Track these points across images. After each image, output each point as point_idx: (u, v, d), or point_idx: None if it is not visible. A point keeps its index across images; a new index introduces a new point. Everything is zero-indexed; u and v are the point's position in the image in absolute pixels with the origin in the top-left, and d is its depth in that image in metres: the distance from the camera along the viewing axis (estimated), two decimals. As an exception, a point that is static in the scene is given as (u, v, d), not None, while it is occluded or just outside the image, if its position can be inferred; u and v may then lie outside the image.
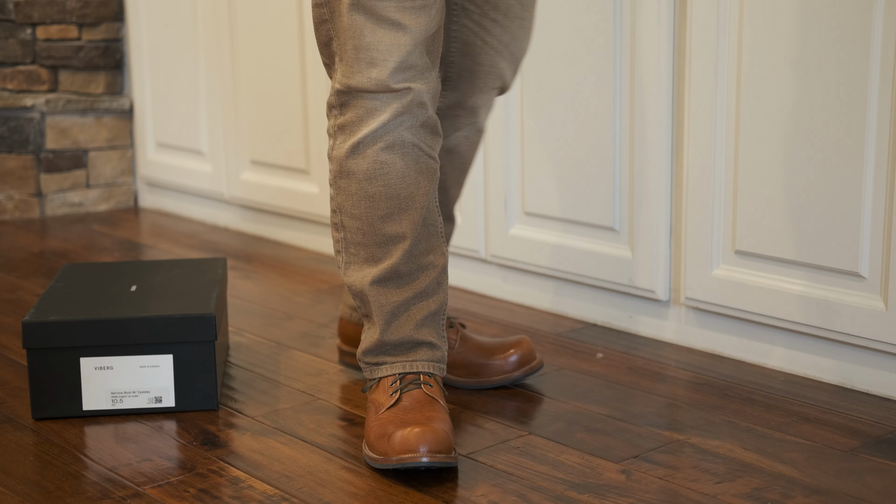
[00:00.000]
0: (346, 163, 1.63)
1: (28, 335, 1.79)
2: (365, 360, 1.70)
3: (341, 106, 1.62)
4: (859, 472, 1.60)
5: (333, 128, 1.65)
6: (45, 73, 3.36)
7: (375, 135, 1.61)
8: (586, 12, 2.14)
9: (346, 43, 1.58)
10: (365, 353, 1.70)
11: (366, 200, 1.64)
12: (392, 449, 1.56)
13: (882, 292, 1.82)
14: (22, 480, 1.61)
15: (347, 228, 1.67)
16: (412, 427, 1.56)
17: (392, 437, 1.57)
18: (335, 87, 1.62)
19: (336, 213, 1.68)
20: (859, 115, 1.80)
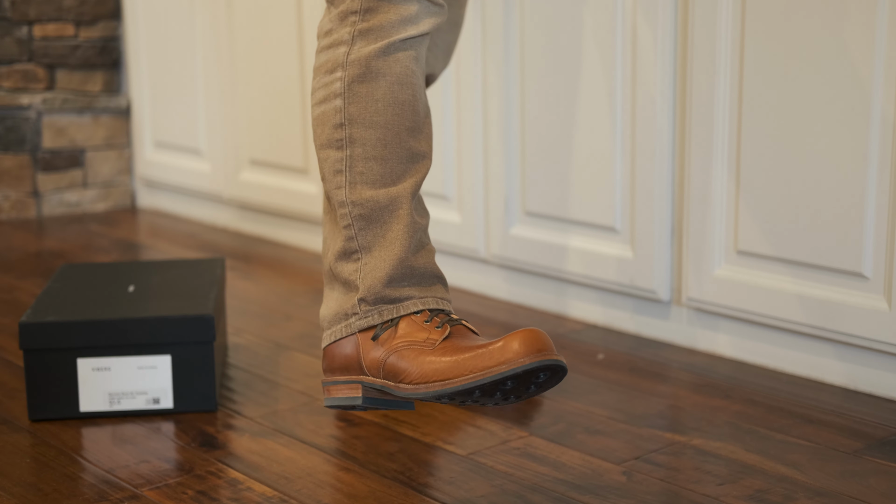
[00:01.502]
0: (376, 62, 1.47)
1: (25, 336, 1.78)
2: (384, 293, 1.47)
3: (366, 11, 1.47)
4: (863, 473, 1.59)
5: (351, 34, 1.48)
6: (41, 72, 3.35)
7: (412, 42, 1.49)
8: (587, 11, 2.13)
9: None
10: (389, 281, 1.46)
11: (395, 107, 1.48)
12: (507, 356, 1.35)
13: (886, 293, 1.81)
14: (18, 483, 1.60)
15: (360, 142, 1.48)
16: (516, 335, 1.35)
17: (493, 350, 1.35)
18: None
19: (341, 127, 1.49)
20: (862, 114, 1.79)
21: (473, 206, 2.39)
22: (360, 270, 1.48)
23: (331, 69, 1.50)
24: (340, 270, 1.50)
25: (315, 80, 1.53)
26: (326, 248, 1.54)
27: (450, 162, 2.42)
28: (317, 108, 1.52)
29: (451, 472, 1.61)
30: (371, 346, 1.46)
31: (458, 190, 2.42)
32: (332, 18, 1.51)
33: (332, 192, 1.50)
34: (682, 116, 2.04)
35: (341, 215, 1.49)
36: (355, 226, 1.48)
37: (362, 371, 1.47)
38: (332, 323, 1.51)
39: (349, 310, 1.49)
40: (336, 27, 1.50)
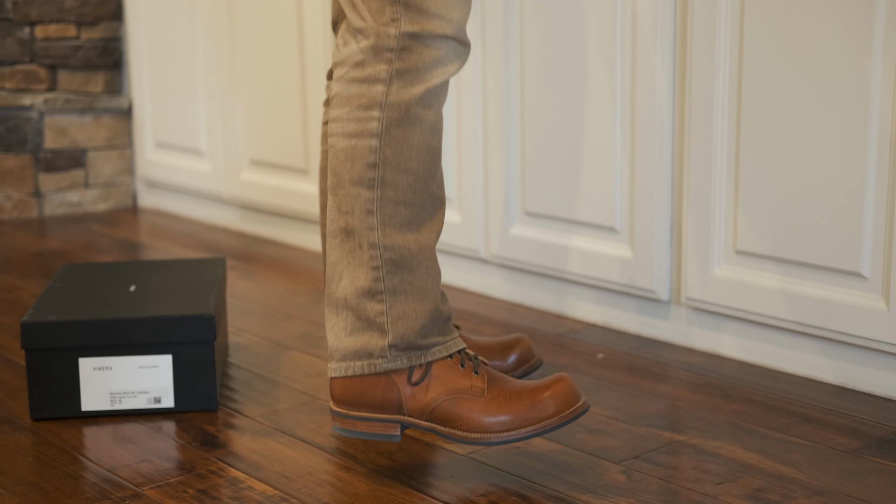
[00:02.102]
0: (415, 109, 1.51)
1: (26, 335, 1.79)
2: (415, 342, 1.54)
3: (401, 50, 1.49)
4: (861, 472, 1.59)
5: (389, 73, 1.50)
6: (43, 73, 3.35)
7: (443, 88, 1.53)
8: (586, 12, 2.14)
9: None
10: (421, 332, 1.54)
11: (426, 154, 1.53)
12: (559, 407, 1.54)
13: (884, 292, 1.82)
14: (20, 481, 1.60)
15: (391, 185, 1.51)
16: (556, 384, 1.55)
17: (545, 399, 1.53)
18: (401, 31, 1.49)
19: (374, 167, 1.52)
20: (861, 114, 1.80)
21: (473, 206, 2.40)
22: (386, 314, 1.53)
23: (366, 105, 1.52)
24: (363, 308, 1.54)
25: (343, 109, 1.53)
26: (337, 277, 1.56)
27: (450, 162, 2.42)
28: (346, 139, 1.53)
29: (451, 471, 1.61)
30: (412, 390, 1.55)
31: (458, 190, 2.42)
32: (363, 50, 1.52)
33: (361, 231, 1.52)
34: (682, 117, 2.05)
35: (371, 256, 1.53)
36: (384, 268, 1.53)
37: (401, 412, 1.56)
38: (351, 357, 1.55)
39: (376, 352, 1.54)
40: (369, 61, 1.51)
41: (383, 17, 1.50)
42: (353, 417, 1.57)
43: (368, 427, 1.57)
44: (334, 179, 1.55)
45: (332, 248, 1.57)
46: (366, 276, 1.53)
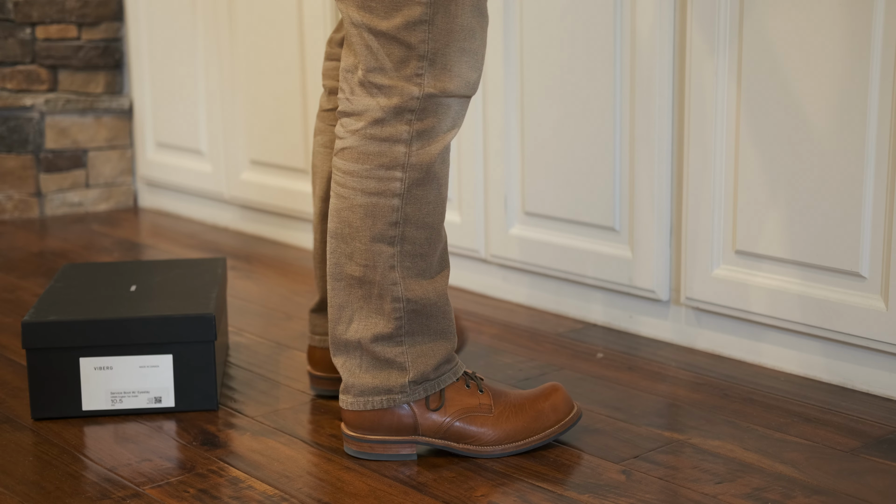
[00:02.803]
0: (433, 168, 1.56)
1: (27, 335, 1.79)
2: (430, 376, 1.62)
3: (422, 111, 1.53)
4: (860, 472, 1.60)
5: (409, 133, 1.54)
6: (44, 73, 3.36)
7: (452, 140, 1.60)
8: (586, 12, 2.14)
9: (452, 45, 1.51)
10: (437, 368, 1.63)
11: (439, 206, 1.59)
12: (559, 415, 1.67)
13: (882, 292, 1.82)
14: (21, 481, 1.61)
15: (410, 240, 1.58)
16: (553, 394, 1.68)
17: (546, 410, 1.66)
18: (424, 92, 1.52)
19: (396, 225, 1.57)
20: (860, 114, 1.80)
21: (473, 207, 2.40)
22: (406, 354, 1.61)
23: (388, 165, 1.55)
24: (381, 351, 1.60)
25: (363, 165, 1.56)
26: (346, 320, 1.61)
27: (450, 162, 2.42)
28: (366, 196, 1.56)
29: (451, 471, 1.62)
30: (427, 413, 1.63)
31: (458, 190, 2.42)
32: (384, 108, 1.54)
33: (384, 286, 1.58)
34: (681, 117, 2.05)
35: (394, 308, 1.59)
36: (405, 318, 1.60)
37: (416, 433, 1.64)
38: (369, 394, 1.62)
39: (396, 388, 1.62)
40: (390, 119, 1.54)
41: (406, 71, 1.52)
42: (370, 441, 1.64)
43: (386, 449, 1.64)
44: (347, 230, 1.58)
45: (337, 291, 1.61)
46: (385, 325, 1.60)
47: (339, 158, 1.58)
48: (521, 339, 2.17)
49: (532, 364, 2.04)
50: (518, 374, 1.99)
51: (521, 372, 2.00)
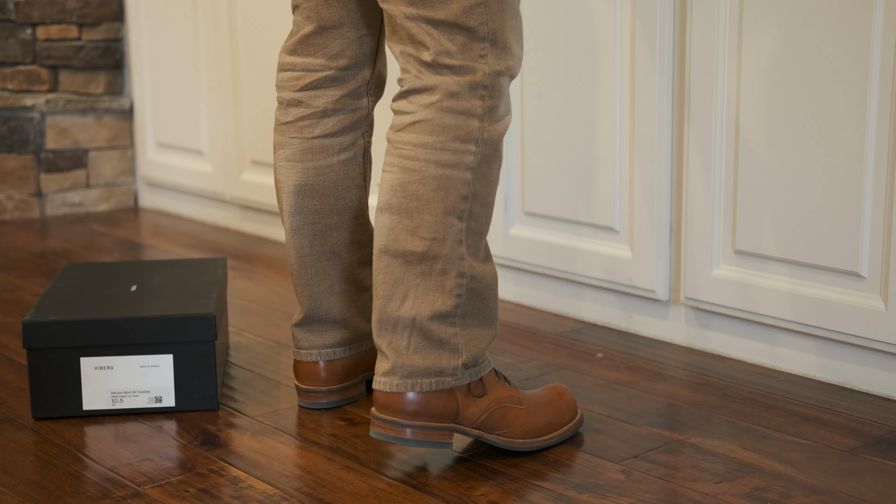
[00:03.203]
0: (499, 146, 1.58)
1: (28, 335, 1.80)
2: (478, 361, 1.62)
3: (491, 87, 1.55)
4: (859, 472, 1.60)
5: (483, 109, 1.55)
6: (45, 73, 3.36)
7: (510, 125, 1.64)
8: (585, 12, 2.14)
9: (505, 24, 1.54)
10: (484, 352, 1.63)
11: (496, 187, 1.61)
12: (569, 416, 1.72)
13: (882, 292, 1.82)
14: (22, 480, 1.61)
15: (475, 217, 1.58)
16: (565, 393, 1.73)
17: (563, 407, 1.71)
18: (491, 69, 1.54)
19: (466, 199, 1.56)
20: (859, 114, 1.80)
21: (474, 207, 2.40)
22: (459, 336, 1.59)
23: (464, 138, 1.55)
24: (437, 329, 1.57)
25: (437, 137, 1.55)
26: (399, 296, 1.57)
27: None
28: (440, 168, 1.55)
29: (451, 471, 1.62)
30: (470, 401, 1.61)
31: (458, 190, 2.42)
32: (458, 83, 1.55)
33: (452, 259, 1.57)
34: (681, 117, 2.05)
35: (458, 284, 1.57)
36: (465, 296, 1.58)
37: (456, 421, 1.61)
38: (419, 375, 1.58)
39: (447, 370, 1.59)
40: (465, 94, 1.55)
41: (472, 53, 1.54)
42: (410, 427, 1.59)
43: (425, 436, 1.60)
44: (414, 203, 1.56)
45: (391, 267, 1.57)
46: (445, 302, 1.57)
47: (407, 133, 1.56)
48: (521, 339, 2.18)
49: (532, 364, 2.04)
50: (518, 374, 1.99)
51: (522, 372, 2.00)
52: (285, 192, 1.78)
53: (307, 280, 1.80)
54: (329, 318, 1.82)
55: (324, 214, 1.78)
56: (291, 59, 1.77)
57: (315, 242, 1.79)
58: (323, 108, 1.76)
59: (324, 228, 1.78)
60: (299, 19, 1.75)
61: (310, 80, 1.75)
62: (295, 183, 1.76)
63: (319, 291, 1.80)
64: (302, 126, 1.76)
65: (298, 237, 1.78)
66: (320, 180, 1.77)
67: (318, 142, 1.76)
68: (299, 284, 1.81)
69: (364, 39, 1.75)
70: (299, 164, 1.76)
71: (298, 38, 1.75)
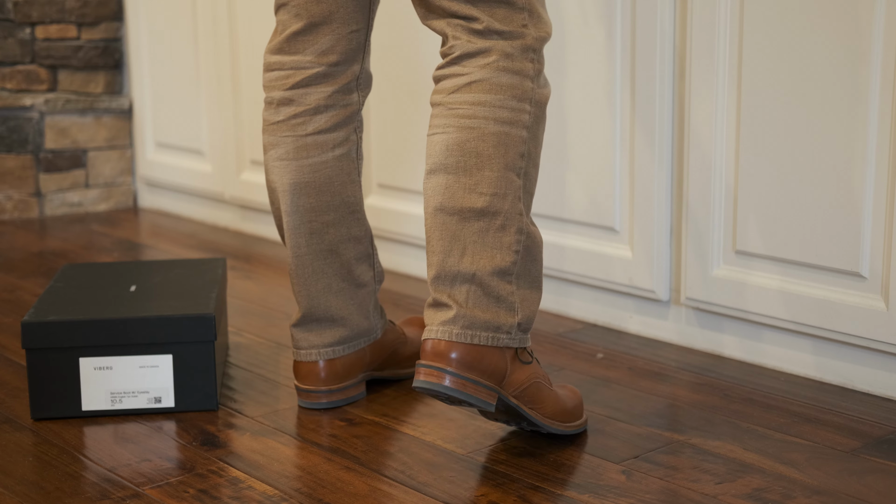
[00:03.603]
0: (546, 108, 1.63)
1: (27, 335, 1.79)
2: (529, 326, 1.63)
3: (537, 52, 1.59)
4: (860, 472, 1.60)
5: (535, 71, 1.59)
6: (44, 73, 3.36)
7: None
8: (585, 10, 2.14)
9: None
10: (535, 316, 1.63)
11: (541, 150, 1.65)
12: (580, 414, 1.74)
13: (883, 292, 1.82)
14: (21, 481, 1.61)
15: (529, 177, 1.61)
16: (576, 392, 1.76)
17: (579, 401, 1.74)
18: (540, 35, 1.59)
19: (523, 157, 1.58)
20: (860, 114, 1.80)
21: (474, 207, 2.40)
22: (515, 294, 1.59)
23: (520, 97, 1.58)
24: (496, 285, 1.57)
25: (496, 95, 1.56)
26: (458, 251, 1.57)
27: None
28: (499, 125, 1.56)
29: (451, 471, 1.62)
30: (518, 367, 1.62)
31: (458, 190, 2.42)
32: (512, 45, 1.57)
33: (512, 215, 1.57)
34: (681, 116, 2.05)
35: (517, 240, 1.58)
36: (522, 254, 1.59)
37: (501, 384, 1.60)
38: (478, 327, 1.57)
39: (504, 327, 1.58)
40: (518, 56, 1.58)
41: (515, 23, 1.57)
42: (458, 376, 1.56)
43: (474, 390, 1.57)
44: (474, 160, 1.56)
45: (448, 224, 1.57)
46: (504, 258, 1.57)
47: (463, 93, 1.57)
48: (521, 340, 2.17)
49: (532, 364, 2.04)
50: (518, 374, 1.99)
51: (521, 372, 2.00)
52: (280, 191, 1.77)
53: (305, 279, 1.80)
54: (327, 317, 1.81)
55: (320, 212, 1.78)
56: (278, 58, 1.76)
57: (312, 241, 1.79)
58: (315, 104, 1.76)
59: (321, 226, 1.78)
60: (285, 18, 1.75)
61: (300, 78, 1.75)
62: (290, 181, 1.76)
63: (317, 290, 1.80)
64: (294, 124, 1.76)
65: (295, 237, 1.78)
66: (315, 177, 1.77)
67: (312, 139, 1.76)
68: (297, 284, 1.81)
69: (353, 35, 1.75)
70: (293, 162, 1.76)
71: (285, 36, 1.75)
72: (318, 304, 1.81)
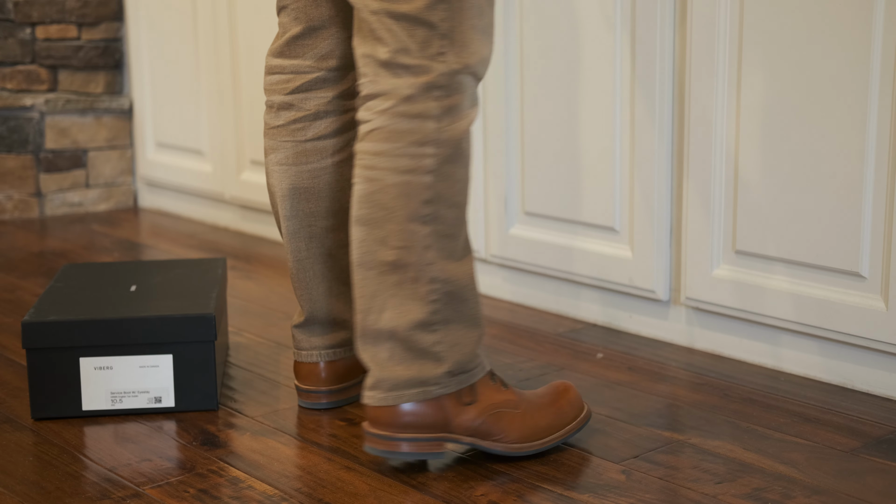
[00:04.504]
0: (462, 144, 1.56)
1: (27, 335, 1.79)
2: (466, 367, 1.60)
3: (448, 87, 1.53)
4: (860, 472, 1.60)
5: (439, 109, 1.53)
6: (44, 73, 3.36)
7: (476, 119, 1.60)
8: (585, 12, 2.14)
9: (467, 22, 1.52)
10: (472, 357, 1.61)
11: (466, 185, 1.58)
12: (573, 414, 1.68)
13: (882, 292, 1.82)
14: (21, 481, 1.61)
15: (442, 220, 1.55)
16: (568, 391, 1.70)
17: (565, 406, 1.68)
18: (449, 68, 1.52)
19: (429, 203, 1.54)
20: (859, 114, 1.80)
21: (473, 207, 2.40)
22: (442, 342, 1.57)
23: (420, 142, 1.53)
24: (417, 339, 1.56)
25: (394, 144, 1.54)
26: (377, 309, 1.56)
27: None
28: (399, 175, 1.54)
29: (451, 471, 1.62)
30: (460, 410, 1.60)
31: (458, 190, 2.42)
32: (412, 85, 1.53)
33: (420, 266, 1.55)
34: (681, 116, 2.05)
35: (430, 290, 1.56)
36: (442, 301, 1.56)
37: (448, 430, 1.60)
38: (403, 387, 1.57)
39: (431, 380, 1.57)
40: (419, 96, 1.53)
41: (430, 50, 1.52)
42: (397, 440, 1.59)
43: (415, 448, 1.59)
44: (379, 213, 1.54)
45: (368, 280, 1.56)
46: (421, 310, 1.56)
47: (367, 142, 1.56)
48: (521, 339, 2.17)
49: (532, 364, 2.04)
50: (518, 374, 1.99)
51: (522, 372, 2.00)
52: (279, 196, 1.77)
53: (306, 283, 1.80)
54: (329, 320, 1.81)
55: (319, 217, 1.78)
56: (279, 61, 1.75)
57: (312, 245, 1.79)
58: (315, 110, 1.75)
59: (320, 231, 1.78)
60: (286, 21, 1.74)
61: (300, 83, 1.74)
62: (288, 186, 1.76)
63: (319, 294, 1.80)
64: (294, 129, 1.75)
65: (295, 241, 1.78)
66: (315, 183, 1.76)
67: (312, 144, 1.76)
68: (299, 288, 1.81)
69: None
70: (293, 167, 1.75)
71: (285, 39, 1.74)
72: (321, 308, 1.81)
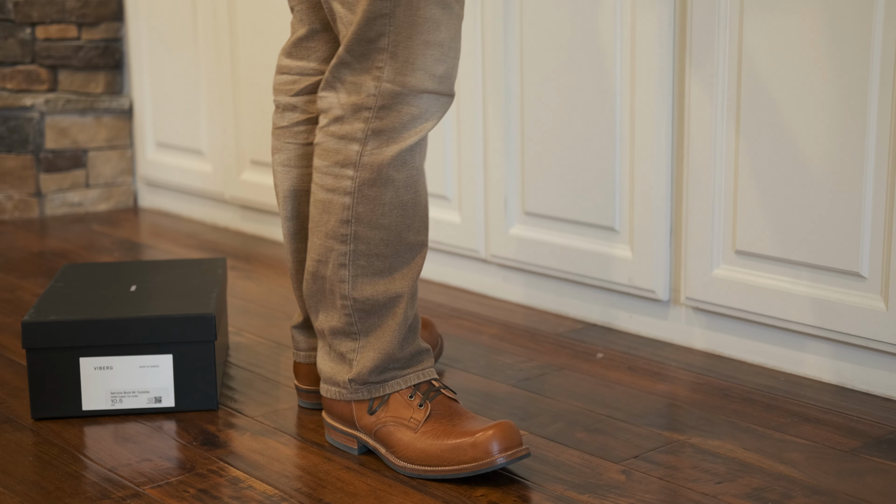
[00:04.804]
0: (387, 171, 1.54)
1: (27, 335, 1.79)
2: (369, 379, 1.62)
3: (379, 109, 1.52)
4: (860, 472, 1.60)
5: (364, 132, 1.53)
6: (44, 73, 3.36)
7: (421, 144, 1.56)
8: (586, 12, 2.14)
9: (415, 38, 1.49)
10: (374, 370, 1.61)
11: (399, 209, 1.57)
12: (472, 457, 1.54)
13: (882, 292, 1.82)
14: (21, 480, 1.61)
15: (364, 240, 1.57)
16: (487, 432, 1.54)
17: (465, 446, 1.54)
18: (381, 88, 1.51)
19: (347, 223, 1.57)
20: (860, 114, 1.80)
21: (473, 207, 2.40)
22: (357, 350, 1.63)
23: (342, 163, 1.56)
24: (337, 343, 1.65)
25: (323, 161, 1.58)
26: (313, 310, 1.66)
27: (450, 162, 2.42)
28: (324, 192, 1.59)
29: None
30: (363, 414, 1.64)
31: (458, 190, 2.42)
32: (343, 105, 1.54)
33: (334, 282, 1.61)
34: (681, 117, 2.05)
35: (342, 306, 1.61)
36: (355, 316, 1.61)
37: (355, 428, 1.67)
38: (328, 382, 1.68)
39: (341, 383, 1.65)
40: (347, 117, 1.54)
41: (367, 64, 1.52)
42: (329, 426, 1.71)
43: (336, 437, 1.70)
44: (311, 224, 1.63)
45: (306, 282, 1.66)
46: (339, 319, 1.63)
47: (312, 156, 1.64)
48: (521, 339, 2.18)
49: (532, 364, 2.04)
50: (518, 374, 1.99)
51: (521, 372, 2.00)
52: (282, 196, 1.78)
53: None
54: None
55: None
56: (287, 62, 1.76)
57: None
58: (318, 114, 1.75)
59: None
60: (294, 21, 1.75)
61: (304, 85, 1.74)
62: (290, 188, 1.76)
63: None
64: (297, 132, 1.75)
65: (295, 242, 1.78)
66: None
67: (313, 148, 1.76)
68: (298, 288, 1.81)
69: None
70: (295, 169, 1.76)
71: (294, 40, 1.75)
72: None
